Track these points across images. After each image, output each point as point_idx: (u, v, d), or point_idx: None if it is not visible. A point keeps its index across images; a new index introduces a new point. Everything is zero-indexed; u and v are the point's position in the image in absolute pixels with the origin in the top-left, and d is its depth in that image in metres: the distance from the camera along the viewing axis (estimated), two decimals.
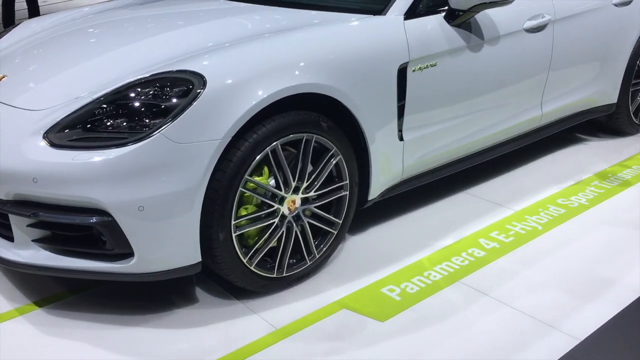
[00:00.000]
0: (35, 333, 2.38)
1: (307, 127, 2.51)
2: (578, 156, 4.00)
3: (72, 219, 2.27)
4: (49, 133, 2.32)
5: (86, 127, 2.31)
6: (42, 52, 2.99)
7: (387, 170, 2.88)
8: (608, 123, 4.26)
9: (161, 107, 2.28)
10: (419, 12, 2.91)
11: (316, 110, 2.55)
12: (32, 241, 2.37)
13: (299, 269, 2.64)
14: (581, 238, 3.05)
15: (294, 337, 2.37)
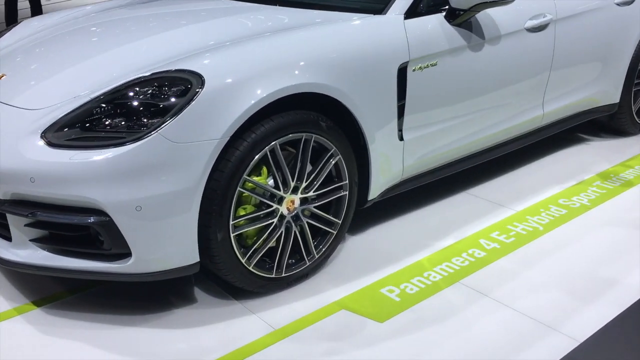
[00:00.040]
0: (34, 333, 2.38)
1: (307, 126, 2.50)
2: (580, 156, 3.98)
3: (70, 218, 2.27)
4: (47, 132, 2.31)
5: (84, 126, 2.31)
6: (43, 51, 2.99)
7: (387, 170, 2.87)
8: (610, 123, 4.24)
9: (159, 106, 2.28)
10: (419, 12, 2.90)
11: (315, 110, 2.54)
12: (30, 241, 2.37)
13: (298, 269, 2.63)
14: (582, 239, 3.04)
15: (292, 337, 2.36)
